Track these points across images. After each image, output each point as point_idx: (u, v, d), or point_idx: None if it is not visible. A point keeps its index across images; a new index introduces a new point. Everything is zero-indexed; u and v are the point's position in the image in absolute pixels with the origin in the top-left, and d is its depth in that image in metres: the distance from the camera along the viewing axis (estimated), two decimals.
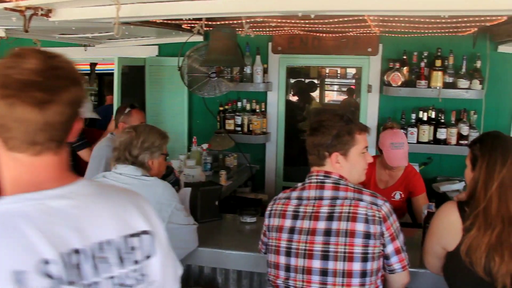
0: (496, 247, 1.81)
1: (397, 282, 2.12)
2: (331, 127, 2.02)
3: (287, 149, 4.92)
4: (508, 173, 1.89)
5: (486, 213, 1.87)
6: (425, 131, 4.19)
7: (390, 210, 1.99)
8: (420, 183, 3.42)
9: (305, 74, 8.34)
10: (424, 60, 4.22)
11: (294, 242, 1.98)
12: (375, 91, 4.48)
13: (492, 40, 4.18)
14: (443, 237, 1.99)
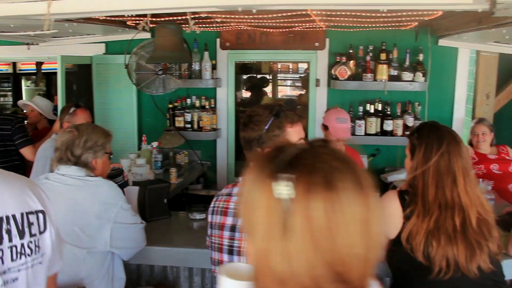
0: (434, 232, 1.87)
1: None
2: (260, 122, 1.95)
3: (238, 145, 4.93)
4: (444, 160, 1.95)
5: (424, 200, 1.93)
6: (372, 123, 4.28)
7: None
8: (360, 161, 3.67)
9: (257, 70, 8.37)
10: (370, 54, 4.31)
11: (236, 240, 1.95)
12: (323, 85, 4.54)
13: (433, 34, 4.31)
14: (385, 225, 2.04)
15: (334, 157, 0.95)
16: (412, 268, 1.94)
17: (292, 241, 0.87)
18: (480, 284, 1.90)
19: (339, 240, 0.87)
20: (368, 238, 0.90)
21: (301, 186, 0.87)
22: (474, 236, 1.89)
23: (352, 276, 0.88)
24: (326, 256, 0.87)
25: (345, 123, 3.41)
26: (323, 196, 0.87)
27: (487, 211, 1.98)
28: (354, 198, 0.89)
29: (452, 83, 4.44)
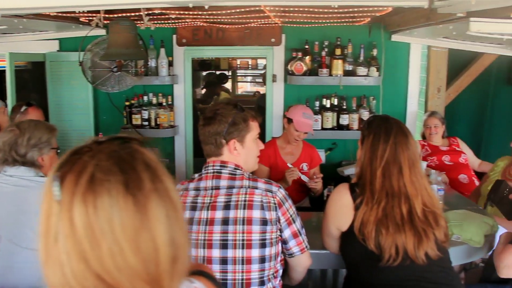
0: (383, 220, 1.93)
1: (298, 266, 2.19)
2: (226, 115, 2.05)
3: (196, 141, 4.90)
4: (391, 150, 2.02)
5: (372, 189, 1.99)
6: (328, 118, 4.35)
7: (285, 196, 2.05)
8: (318, 154, 3.77)
9: (216, 66, 8.37)
10: (325, 49, 4.36)
11: (194, 233, 1.98)
12: (280, 80, 4.57)
13: (386, 29, 4.41)
14: (337, 218, 2.09)
15: (111, 156, 0.86)
16: (365, 257, 1.99)
17: (61, 248, 0.80)
18: (428, 271, 1.97)
19: (104, 249, 0.80)
20: (143, 249, 0.83)
21: (67, 187, 0.81)
22: (421, 225, 1.95)
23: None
24: (94, 266, 0.80)
25: (310, 119, 3.53)
26: (85, 199, 0.80)
27: (434, 201, 2.05)
28: (124, 204, 0.82)
29: (405, 78, 4.56)
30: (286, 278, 2.34)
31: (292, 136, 3.53)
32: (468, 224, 2.62)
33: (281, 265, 2.11)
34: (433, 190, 2.16)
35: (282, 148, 3.66)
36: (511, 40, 3.70)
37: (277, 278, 2.06)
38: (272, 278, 2.02)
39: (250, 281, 1.95)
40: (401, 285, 1.96)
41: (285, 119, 3.59)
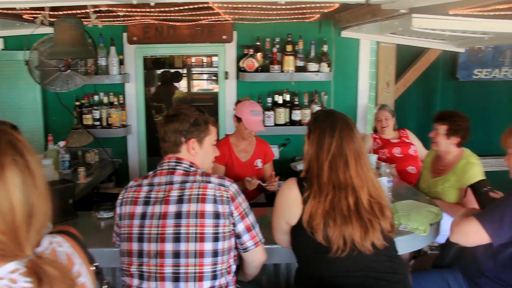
0: (330, 213, 1.97)
1: (253, 260, 2.21)
2: (189, 115, 2.11)
3: (149, 140, 4.87)
4: (337, 144, 2.06)
5: (319, 182, 2.02)
6: (281, 114, 4.38)
7: (237, 190, 2.07)
8: (271, 149, 3.77)
9: (170, 64, 8.30)
10: (276, 45, 4.40)
11: (146, 227, 1.99)
12: (232, 77, 4.58)
13: (336, 26, 4.48)
14: (286, 213, 2.11)
15: None
16: (314, 250, 2.02)
17: None
18: (375, 260, 2.02)
19: None
20: (0, 206, 1.07)
21: None
22: (367, 215, 2.00)
23: None
24: None
25: (258, 115, 3.49)
26: None
27: (379, 192, 2.11)
28: None
29: (355, 73, 4.65)
30: (241, 275, 2.36)
31: (244, 134, 3.53)
32: (414, 214, 2.71)
33: (235, 261, 2.12)
34: (379, 182, 2.20)
35: (235, 145, 3.66)
36: (452, 36, 3.85)
37: (230, 273, 2.07)
38: (225, 273, 2.03)
39: (202, 275, 1.96)
40: (349, 276, 2.00)
41: (234, 117, 3.58)
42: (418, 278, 2.66)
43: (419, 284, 2.63)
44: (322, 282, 2.03)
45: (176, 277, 1.95)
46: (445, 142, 3.40)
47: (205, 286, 1.97)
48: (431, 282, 2.62)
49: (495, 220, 2.23)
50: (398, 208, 2.81)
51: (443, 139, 3.39)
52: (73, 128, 4.43)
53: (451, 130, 3.35)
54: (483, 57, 4.96)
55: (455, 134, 3.35)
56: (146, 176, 2.13)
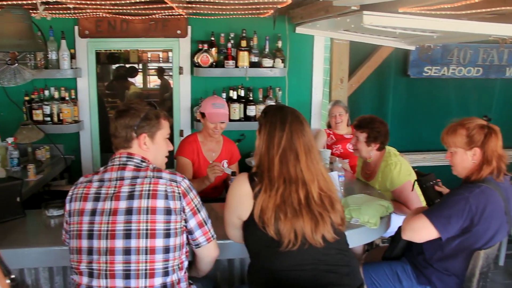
0: (281, 206, 1.98)
1: (206, 256, 2.21)
2: (140, 109, 2.08)
3: (102, 136, 4.77)
4: (287, 138, 2.07)
5: (271, 176, 2.03)
6: (236, 109, 4.38)
7: (189, 186, 2.06)
8: (237, 150, 3.76)
9: (125, 60, 8.16)
10: (231, 41, 4.39)
11: (96, 224, 1.95)
12: (186, 72, 4.54)
13: (290, 22, 4.51)
14: (237, 208, 2.11)
15: None
16: (265, 244, 2.03)
17: None
18: (325, 254, 2.04)
19: None
20: None
21: None
22: (317, 209, 2.02)
23: None
24: None
25: (221, 108, 3.45)
26: None
27: (330, 185, 2.13)
28: None
29: (310, 69, 4.70)
30: (194, 270, 2.35)
31: (210, 129, 3.47)
32: (365, 208, 2.77)
33: (186, 257, 2.11)
34: (330, 176, 2.23)
35: (203, 144, 3.59)
36: (403, 34, 3.95)
37: (182, 269, 2.06)
38: (177, 270, 2.02)
39: (154, 271, 1.94)
40: (300, 269, 2.02)
41: (199, 114, 3.54)
42: (368, 270, 2.73)
43: (370, 276, 2.70)
44: (274, 275, 2.04)
45: (126, 274, 1.92)
46: (365, 149, 3.48)
47: (156, 283, 1.95)
48: (381, 274, 2.69)
49: (443, 216, 2.33)
50: (350, 202, 2.86)
51: (364, 146, 3.47)
52: (22, 124, 4.30)
53: (371, 137, 3.43)
54: (433, 55, 5.11)
55: (375, 141, 3.43)
56: (97, 172, 2.09)
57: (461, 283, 2.44)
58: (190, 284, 2.23)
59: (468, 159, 2.46)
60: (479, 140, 2.43)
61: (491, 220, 2.34)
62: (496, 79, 5.47)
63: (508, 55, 5.35)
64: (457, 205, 2.33)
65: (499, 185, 2.41)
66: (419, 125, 5.28)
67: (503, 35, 3.32)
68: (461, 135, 2.48)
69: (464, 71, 5.27)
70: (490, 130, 2.45)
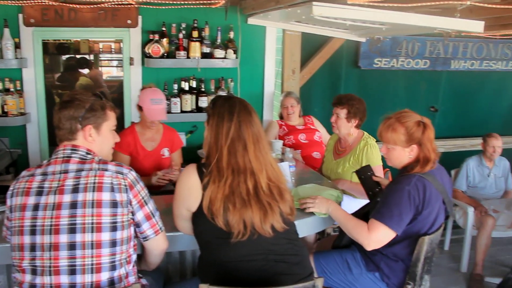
0: (230, 197, 1.98)
1: (154, 249, 2.18)
2: (84, 100, 2.03)
3: (51, 129, 4.61)
4: (235, 128, 2.07)
5: (219, 167, 2.03)
6: (187, 101, 4.34)
7: (136, 178, 2.03)
8: (179, 137, 3.72)
9: (76, 50, 7.94)
10: (182, 31, 4.34)
11: (39, 219, 1.89)
12: (137, 63, 4.45)
13: (242, 13, 4.49)
14: (186, 199, 2.09)
15: None
16: (215, 235, 2.02)
17: None
18: (275, 243, 2.06)
19: None
20: None
21: None
22: (266, 199, 2.03)
23: None
24: None
25: (159, 104, 3.40)
26: None
27: (279, 175, 2.15)
28: None
29: (262, 60, 4.70)
30: (143, 264, 2.32)
31: (147, 123, 3.46)
32: None
33: (135, 250, 2.08)
34: (279, 166, 2.25)
35: (141, 134, 3.56)
36: (353, 26, 4.01)
37: (130, 263, 2.03)
38: (124, 264, 1.99)
39: (100, 266, 1.90)
40: (250, 260, 2.02)
41: (137, 106, 3.49)
42: (319, 258, 2.77)
43: (320, 265, 2.74)
44: (224, 267, 2.04)
45: (72, 269, 1.87)
46: (345, 125, 3.58)
47: (103, 278, 1.91)
48: (331, 262, 2.73)
49: (395, 216, 2.39)
50: (300, 192, 2.89)
51: (344, 122, 3.57)
52: None
53: (351, 113, 3.54)
54: (382, 47, 5.22)
55: (354, 116, 3.55)
56: (40, 165, 2.02)
57: (407, 268, 2.52)
58: (140, 277, 2.21)
59: (406, 155, 2.54)
60: (417, 137, 2.50)
61: (431, 204, 2.44)
62: (442, 71, 5.66)
63: (453, 48, 5.54)
64: (403, 200, 2.39)
65: (432, 172, 2.51)
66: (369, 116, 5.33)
67: (447, 29, 3.42)
68: (400, 133, 2.53)
69: (412, 63, 5.42)
70: (425, 126, 2.52)
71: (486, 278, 4.41)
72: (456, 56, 5.60)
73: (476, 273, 4.41)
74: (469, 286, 4.36)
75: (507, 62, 5.86)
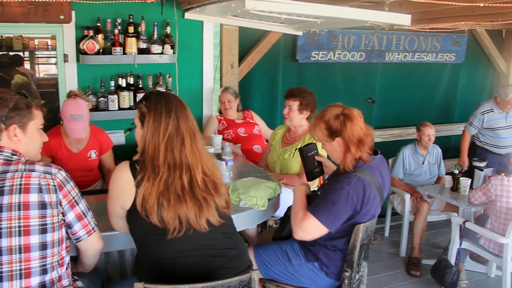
0: (164, 193, 1.97)
1: (88, 250, 2.14)
2: (7, 99, 1.96)
3: None
4: (173, 123, 2.06)
5: (154, 163, 2.01)
6: (125, 98, 4.25)
7: (66, 178, 1.98)
8: (107, 137, 3.68)
9: (8, 47, 7.60)
10: (118, 27, 4.24)
11: None
12: (72, 60, 4.31)
13: (179, 7, 4.44)
14: (119, 197, 2.07)
15: None
16: (150, 232, 2.01)
17: None
18: (211, 238, 2.07)
19: None
20: None
21: None
22: (201, 193, 2.04)
23: None
24: None
25: (80, 120, 3.33)
26: None
27: (214, 170, 2.16)
28: None
29: (200, 55, 4.66)
30: (79, 266, 2.27)
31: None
32: (253, 190, 2.84)
33: (67, 252, 2.03)
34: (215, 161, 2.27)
35: (67, 136, 3.47)
36: (289, 20, 4.06)
37: (63, 266, 1.99)
38: (56, 267, 1.94)
39: (29, 271, 1.85)
40: (187, 255, 2.03)
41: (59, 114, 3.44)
42: (259, 251, 2.80)
43: (260, 257, 2.77)
44: (160, 264, 2.03)
45: None
46: (298, 117, 3.70)
47: (33, 283, 1.86)
48: (271, 254, 2.76)
49: (331, 214, 2.43)
50: (238, 186, 2.91)
51: (296, 114, 3.68)
52: None
53: (303, 105, 3.67)
54: (319, 41, 5.31)
55: (306, 108, 3.68)
56: None
57: (345, 256, 2.58)
58: (75, 280, 2.16)
59: (336, 149, 2.60)
60: (336, 130, 2.55)
61: (370, 202, 2.49)
62: (378, 63, 5.82)
63: (387, 41, 5.71)
64: (341, 199, 2.43)
65: (371, 167, 2.55)
66: None
67: (377, 21, 3.53)
68: (321, 128, 2.60)
69: (348, 55, 5.54)
70: (346, 117, 2.55)
71: (422, 260, 4.62)
72: (390, 49, 5.77)
73: (413, 257, 4.60)
74: (407, 269, 4.54)
75: (436, 54, 6.11)
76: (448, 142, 6.51)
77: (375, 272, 4.45)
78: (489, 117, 5.21)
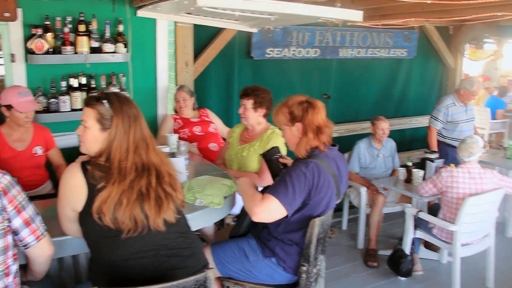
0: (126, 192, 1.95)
1: (38, 256, 2.07)
2: None
3: None
4: (139, 127, 2.06)
5: (121, 167, 1.98)
6: (77, 98, 4.14)
7: (11, 182, 1.91)
8: (52, 137, 3.70)
9: None
10: (68, 25, 4.12)
11: None
12: (19, 60, 4.16)
13: (131, 5, 4.36)
14: (70, 199, 2.02)
15: None
16: (102, 234, 1.97)
17: None
18: (166, 238, 2.06)
19: None
20: None
21: None
22: (162, 191, 2.04)
23: None
24: None
25: (28, 95, 3.40)
26: None
27: (171, 168, 2.15)
28: None
29: (154, 53, 4.59)
30: (29, 274, 2.20)
31: (20, 120, 3.38)
32: (209, 188, 2.83)
33: (15, 261, 1.97)
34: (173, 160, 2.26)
35: (9, 135, 3.45)
36: (243, 17, 4.06)
37: (9, 275, 1.92)
38: (2, 276, 1.87)
39: None
40: (141, 257, 2.00)
41: (3, 108, 3.37)
42: (216, 249, 2.79)
43: (218, 255, 2.76)
44: (114, 266, 1.99)
45: None
46: (253, 115, 3.70)
47: None
48: (228, 252, 2.76)
49: (289, 194, 2.44)
50: (194, 184, 2.90)
51: (252, 112, 3.69)
52: None
53: (257, 103, 3.67)
54: (274, 38, 5.33)
55: (261, 106, 3.68)
56: None
57: (302, 250, 2.61)
58: None
59: (294, 134, 2.65)
60: (298, 115, 2.63)
61: (323, 191, 2.53)
62: (332, 59, 5.90)
63: (341, 37, 5.79)
64: (299, 180, 2.46)
65: (328, 156, 2.61)
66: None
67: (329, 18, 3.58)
68: (284, 113, 2.68)
69: (303, 52, 5.59)
70: (309, 105, 2.65)
71: (379, 251, 4.72)
72: (344, 45, 5.86)
73: (370, 248, 4.70)
74: (364, 260, 4.64)
75: (389, 50, 6.25)
76: (402, 136, 6.67)
77: (334, 265, 4.52)
78: (452, 111, 5.37)
